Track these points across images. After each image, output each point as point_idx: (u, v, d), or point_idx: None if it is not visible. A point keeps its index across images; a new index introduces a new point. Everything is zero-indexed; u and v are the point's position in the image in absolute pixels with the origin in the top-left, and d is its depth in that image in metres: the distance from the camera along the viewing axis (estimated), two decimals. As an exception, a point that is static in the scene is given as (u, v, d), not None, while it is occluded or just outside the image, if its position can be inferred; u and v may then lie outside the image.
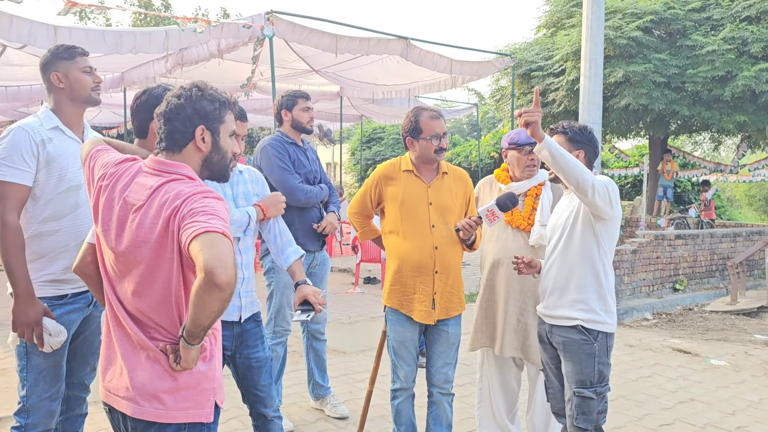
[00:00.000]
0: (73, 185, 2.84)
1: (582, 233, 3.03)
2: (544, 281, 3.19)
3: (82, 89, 2.89)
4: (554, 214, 3.27)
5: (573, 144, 3.12)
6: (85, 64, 2.91)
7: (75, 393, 3.07)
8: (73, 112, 2.92)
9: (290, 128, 4.35)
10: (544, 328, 3.23)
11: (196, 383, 2.05)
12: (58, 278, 2.83)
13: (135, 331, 2.04)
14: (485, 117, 28.14)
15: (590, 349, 3.02)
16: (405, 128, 3.43)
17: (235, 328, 2.99)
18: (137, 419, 2.04)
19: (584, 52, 10.07)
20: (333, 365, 5.76)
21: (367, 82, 12.06)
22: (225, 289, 1.76)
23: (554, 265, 3.12)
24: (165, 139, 2.08)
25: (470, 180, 3.60)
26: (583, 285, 3.05)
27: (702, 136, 15.08)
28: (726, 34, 10.61)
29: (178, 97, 2.08)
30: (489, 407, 3.88)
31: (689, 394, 5.23)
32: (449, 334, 3.43)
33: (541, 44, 13.52)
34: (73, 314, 2.87)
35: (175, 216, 1.92)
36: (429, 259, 3.34)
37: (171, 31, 7.29)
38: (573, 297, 3.06)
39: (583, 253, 3.04)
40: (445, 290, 3.38)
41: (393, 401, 3.51)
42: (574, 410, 3.02)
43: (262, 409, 3.09)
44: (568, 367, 3.06)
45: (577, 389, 3.01)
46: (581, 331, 3.03)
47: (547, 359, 3.27)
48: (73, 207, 2.85)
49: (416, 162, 3.44)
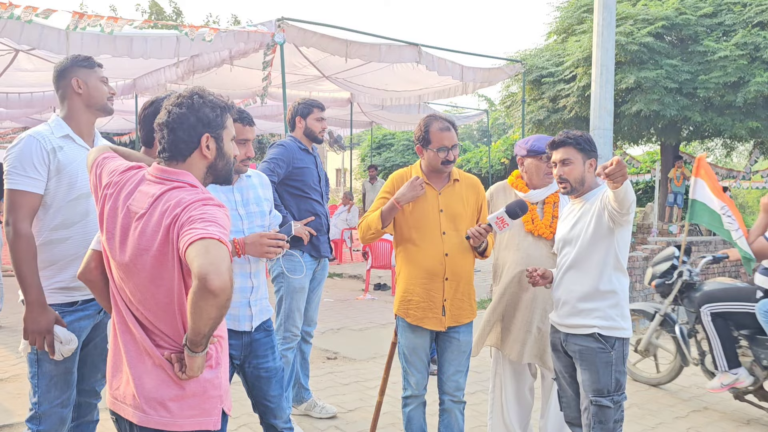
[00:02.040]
0: (83, 193, 2.84)
1: (598, 242, 3.02)
2: (558, 290, 3.18)
3: (100, 97, 2.92)
4: (563, 225, 3.25)
5: (585, 154, 3.11)
6: (102, 74, 2.95)
7: (86, 400, 3.07)
8: (86, 119, 2.93)
9: (302, 135, 4.38)
10: (558, 337, 3.21)
11: (202, 391, 2.04)
12: (69, 285, 2.82)
13: (142, 336, 2.03)
14: (495, 123, 28.09)
15: (607, 357, 3.01)
16: (416, 136, 3.43)
17: (244, 338, 2.94)
18: (144, 427, 2.03)
19: (595, 58, 10.02)
20: (343, 372, 5.74)
21: (377, 88, 12.06)
22: (219, 295, 1.75)
23: (568, 274, 3.11)
24: (168, 150, 2.07)
25: (482, 187, 3.57)
26: (600, 293, 3.04)
27: (714, 142, 14.98)
28: (738, 39, 10.55)
29: (179, 106, 2.06)
30: (501, 417, 3.85)
31: (703, 403, 5.16)
32: (460, 342, 3.40)
33: (551, 50, 13.49)
34: (83, 321, 2.87)
35: (175, 224, 1.92)
36: (439, 266, 3.32)
37: (182, 37, 7.32)
38: (589, 305, 3.05)
39: (599, 261, 3.03)
40: (456, 297, 3.36)
41: (404, 409, 3.48)
42: (591, 419, 3.00)
43: (272, 420, 3.04)
44: (585, 376, 3.04)
45: (594, 398, 3.00)
46: (598, 339, 3.02)
47: (560, 368, 3.25)
48: (83, 215, 2.85)
49: (426, 170, 3.43)
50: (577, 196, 3.16)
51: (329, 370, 5.84)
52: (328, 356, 6.30)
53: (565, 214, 3.28)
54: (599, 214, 3.00)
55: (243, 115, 2.96)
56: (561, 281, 3.15)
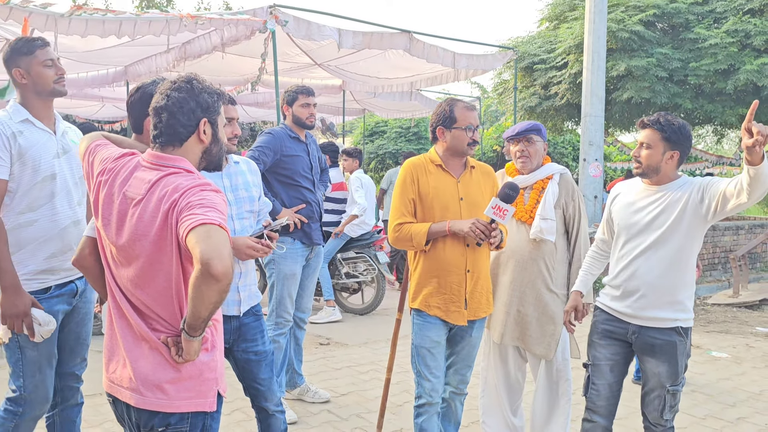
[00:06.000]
0: (47, 175, 2.88)
1: (688, 232, 2.94)
2: (631, 282, 3.05)
3: (45, 83, 2.89)
4: (629, 212, 3.10)
5: (668, 144, 2.96)
6: (45, 57, 2.89)
7: (67, 384, 3.12)
8: (41, 105, 2.93)
9: (292, 123, 4.41)
10: (623, 328, 3.11)
11: (198, 373, 2.09)
12: (42, 269, 2.87)
13: (137, 321, 2.07)
14: (488, 110, 28.08)
15: (684, 348, 3.02)
16: (438, 117, 3.24)
17: (233, 322, 2.99)
18: (141, 409, 2.08)
19: (587, 45, 10.07)
20: (336, 357, 5.81)
21: (369, 75, 12.03)
22: (222, 279, 1.80)
23: (647, 265, 3.01)
24: (165, 133, 2.10)
25: (495, 175, 3.50)
26: (683, 285, 3.01)
27: (705, 129, 15.03)
28: (729, 27, 10.56)
29: (177, 90, 2.09)
30: (493, 396, 3.90)
31: (690, 385, 5.24)
32: (472, 337, 3.33)
33: (543, 37, 13.48)
34: (58, 305, 2.93)
35: (174, 209, 1.95)
36: (461, 258, 3.19)
37: (172, 20, 7.26)
38: (671, 298, 2.99)
39: (683, 253, 2.97)
40: (476, 290, 3.26)
41: (416, 419, 3.25)
42: (663, 406, 3.01)
43: (263, 403, 3.10)
44: (662, 368, 3.01)
45: (671, 387, 3.01)
46: (679, 333, 3.00)
47: (607, 356, 3.15)
48: (48, 197, 2.89)
49: (444, 155, 3.26)
50: (653, 183, 3.05)
51: (322, 355, 5.91)
52: (321, 342, 6.37)
53: (630, 200, 3.13)
54: (695, 205, 2.91)
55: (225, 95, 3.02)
56: (635, 272, 3.04)
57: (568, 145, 21.68)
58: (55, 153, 2.92)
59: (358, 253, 7.64)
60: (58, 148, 2.95)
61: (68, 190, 2.97)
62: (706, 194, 2.90)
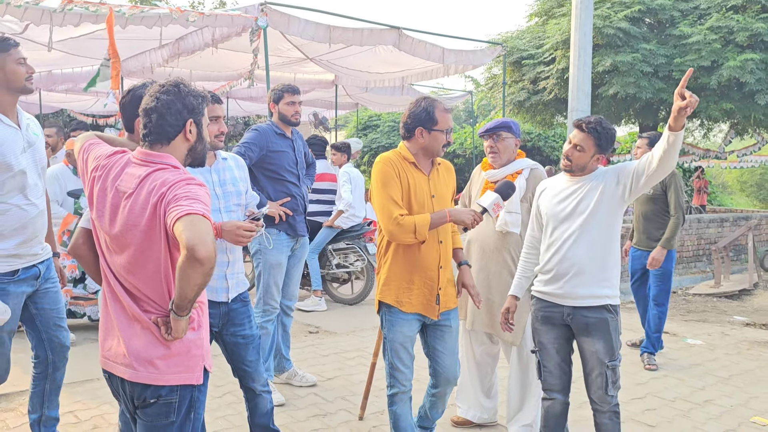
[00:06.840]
0: (17, 171, 3.10)
1: (608, 215, 3.19)
2: (561, 265, 3.23)
3: (18, 80, 3.11)
4: (554, 202, 3.31)
5: (599, 149, 3.22)
6: (19, 56, 3.11)
7: (55, 340, 3.45)
8: (9, 101, 3.14)
9: (278, 120, 4.60)
10: (557, 311, 3.29)
11: (186, 350, 2.30)
12: (11, 254, 3.14)
13: (130, 304, 2.28)
14: (481, 104, 28.25)
15: (615, 324, 3.25)
16: (416, 117, 3.23)
17: (222, 308, 3.20)
18: (134, 383, 2.29)
19: (573, 41, 10.23)
20: (323, 345, 6.02)
21: (360, 70, 12.19)
22: (205, 263, 2.01)
23: (574, 248, 3.20)
24: (154, 132, 2.31)
25: (454, 171, 3.62)
26: (611, 263, 3.24)
27: (692, 123, 15.24)
28: (712, 23, 10.76)
29: (166, 93, 2.30)
30: (466, 378, 4.10)
31: (663, 371, 5.47)
32: (451, 328, 3.40)
33: (532, 32, 13.67)
34: (23, 287, 3.23)
35: (162, 201, 2.16)
36: (435, 254, 3.28)
37: (164, 15, 7.40)
38: (600, 276, 3.21)
39: (609, 233, 3.21)
40: (447, 285, 3.36)
41: (391, 407, 3.36)
42: (606, 382, 3.21)
43: (250, 384, 3.31)
44: (599, 346, 3.21)
45: (610, 362, 3.21)
46: (609, 310, 3.23)
47: (550, 339, 3.34)
48: (20, 189, 3.13)
49: (417, 153, 3.30)
50: (575, 176, 3.29)
51: (311, 342, 6.12)
52: (310, 330, 6.57)
53: (554, 192, 3.33)
54: (611, 189, 3.16)
55: (211, 95, 3.19)
56: (564, 256, 3.23)
57: (559, 139, 21.91)
58: (22, 148, 3.14)
59: (348, 244, 7.84)
60: (24, 143, 3.17)
61: (35, 182, 3.22)
62: (621, 177, 3.17)
